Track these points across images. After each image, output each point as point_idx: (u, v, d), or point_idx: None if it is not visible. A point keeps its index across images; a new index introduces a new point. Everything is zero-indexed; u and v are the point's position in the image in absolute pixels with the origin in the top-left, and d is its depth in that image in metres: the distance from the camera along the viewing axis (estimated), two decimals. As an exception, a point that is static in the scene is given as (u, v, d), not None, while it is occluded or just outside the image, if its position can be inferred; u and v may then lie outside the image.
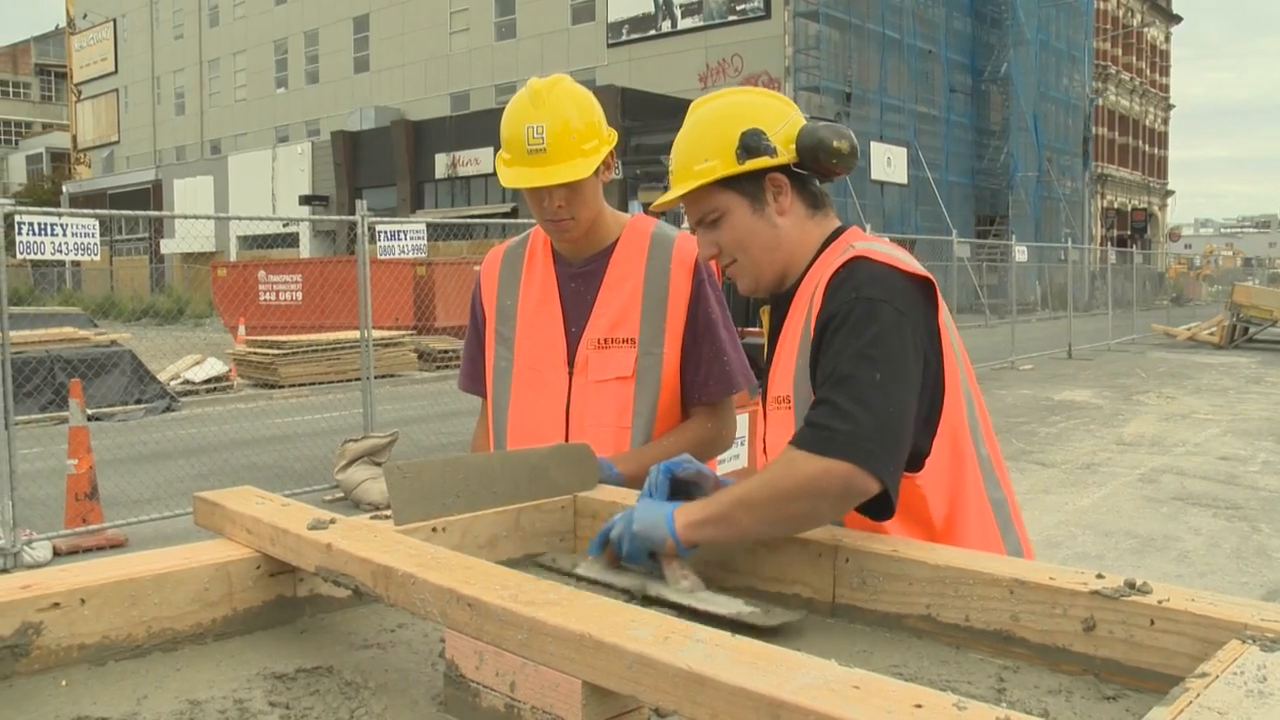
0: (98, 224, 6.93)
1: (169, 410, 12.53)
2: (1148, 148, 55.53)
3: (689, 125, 1.70)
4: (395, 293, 16.64)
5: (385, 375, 14.08)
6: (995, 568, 1.29)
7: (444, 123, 35.07)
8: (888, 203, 31.89)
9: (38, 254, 6.58)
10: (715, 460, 2.27)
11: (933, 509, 1.55)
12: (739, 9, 32.00)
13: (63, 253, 6.70)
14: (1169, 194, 59.32)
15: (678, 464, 1.61)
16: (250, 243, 38.52)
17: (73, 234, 6.66)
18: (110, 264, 42.15)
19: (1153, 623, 1.13)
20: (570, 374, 2.14)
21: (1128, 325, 25.11)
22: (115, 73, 55.81)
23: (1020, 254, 20.42)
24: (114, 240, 43.98)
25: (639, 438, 2.11)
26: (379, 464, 7.72)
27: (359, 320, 8.50)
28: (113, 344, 12.93)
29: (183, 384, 13.92)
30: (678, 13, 33.44)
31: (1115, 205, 50.21)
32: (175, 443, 9.74)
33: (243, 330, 17.76)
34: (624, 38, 34.73)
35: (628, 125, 25.99)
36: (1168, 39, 58.90)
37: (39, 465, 8.18)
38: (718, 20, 32.61)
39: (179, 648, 1.32)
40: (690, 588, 1.43)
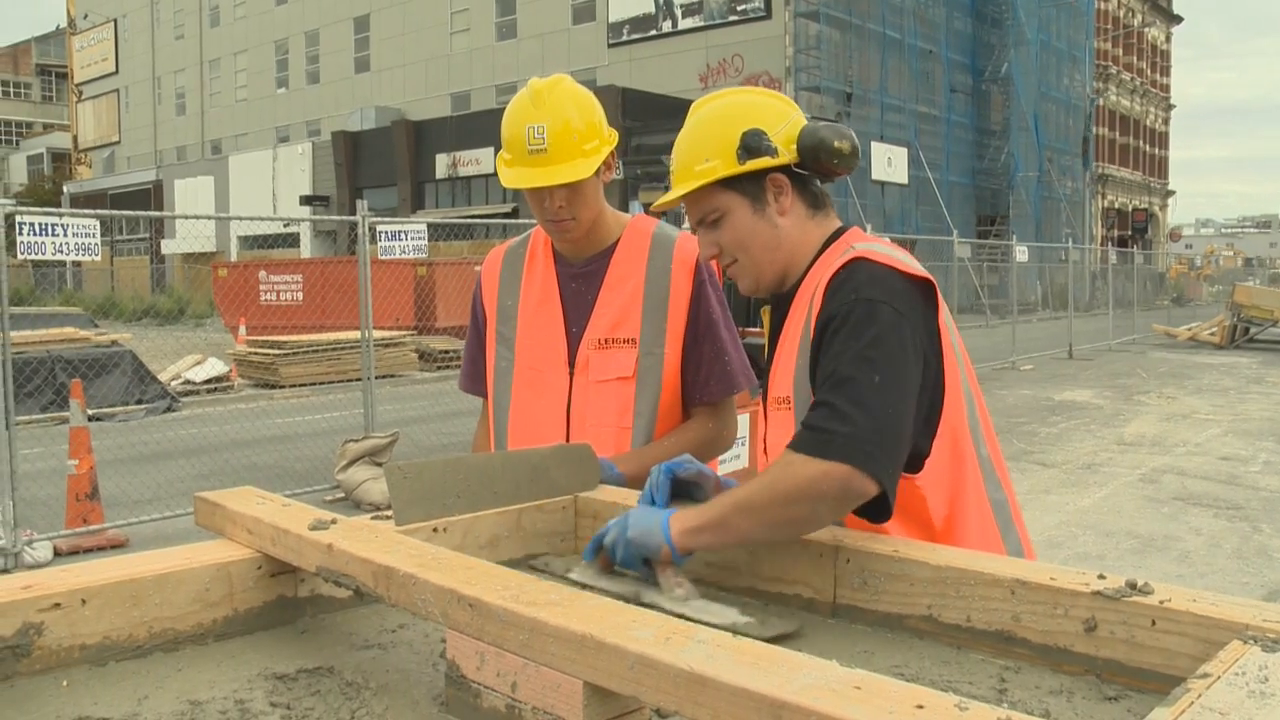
0: (98, 224, 6.94)
1: (170, 410, 12.53)
2: (1148, 148, 55.52)
3: (690, 125, 1.70)
4: (396, 293, 16.64)
5: (386, 375, 14.08)
6: (997, 568, 1.29)
7: (444, 123, 35.08)
8: (888, 203, 31.91)
9: (38, 254, 6.59)
10: (716, 460, 2.27)
11: (932, 510, 1.54)
12: (739, 9, 31.99)
13: (63, 253, 6.71)
14: (1169, 194, 59.31)
15: (679, 464, 1.60)
16: (251, 243, 38.54)
17: (73, 234, 6.67)
18: (111, 264, 42.18)
19: (1154, 623, 1.13)
20: (571, 374, 2.14)
21: (1128, 325, 25.11)
22: (116, 73, 55.84)
23: (1021, 254, 20.42)
24: (115, 240, 44.01)
25: (640, 438, 2.11)
26: (380, 464, 7.72)
27: (360, 320, 8.50)
28: (113, 344, 12.93)
29: (183, 384, 13.92)
30: (678, 13, 33.44)
31: (1116, 205, 50.19)
32: (176, 443, 9.74)
33: (243, 330, 17.78)
34: (624, 38, 34.73)
35: (628, 125, 25.99)
36: (1168, 39, 58.89)
37: (40, 465, 8.18)
38: (718, 20, 32.61)
39: (180, 648, 1.32)
40: (685, 596, 1.42)
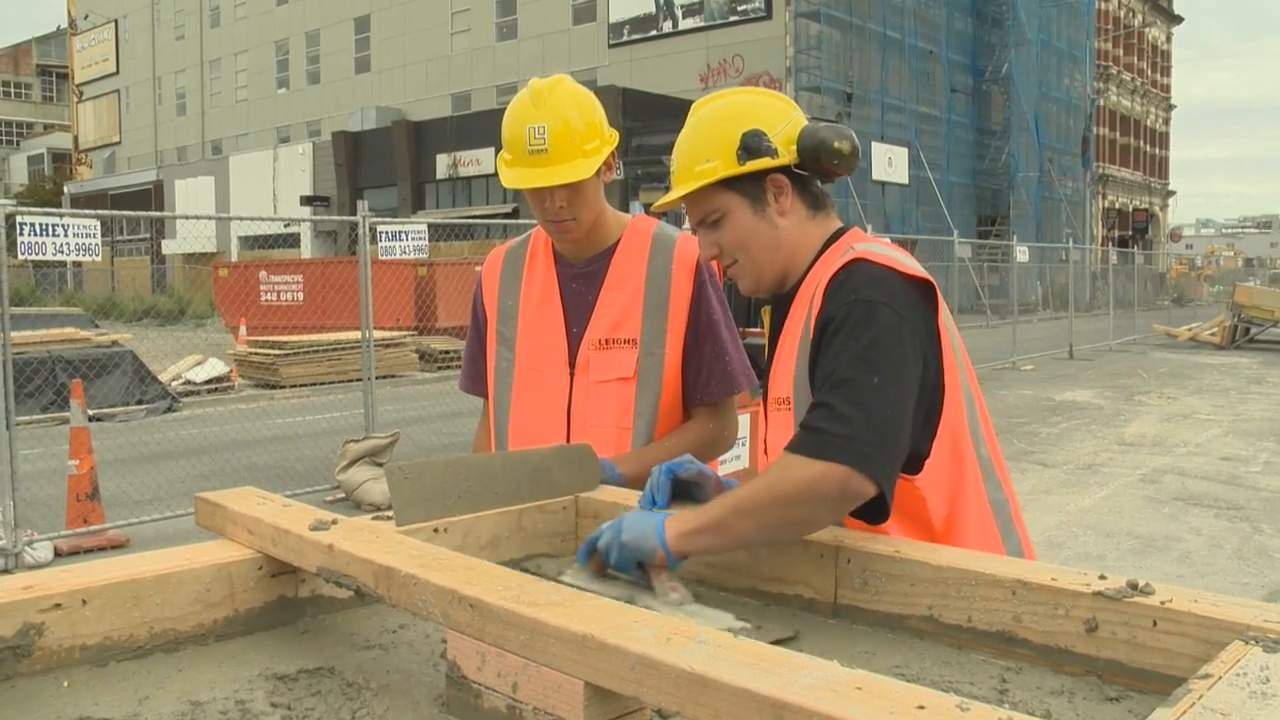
0: (99, 224, 6.94)
1: (170, 411, 12.54)
2: (1149, 148, 55.52)
3: (690, 126, 1.70)
4: (396, 293, 16.65)
5: (386, 376, 14.08)
6: (997, 568, 1.29)
7: (445, 123, 35.08)
8: (889, 203, 31.91)
9: (39, 254, 6.59)
10: (717, 461, 2.27)
11: (932, 510, 1.54)
12: (740, 9, 32.00)
13: (64, 253, 6.71)
14: (1170, 194, 59.30)
15: (679, 465, 1.60)
16: (251, 243, 38.55)
17: (74, 234, 6.67)
18: (111, 264, 42.17)
19: (1155, 624, 1.13)
20: (571, 374, 2.14)
21: (1129, 325, 25.11)
22: (116, 73, 55.86)
23: (1021, 254, 20.43)
24: (115, 241, 43.99)
25: (640, 438, 2.11)
26: (380, 464, 7.72)
27: (360, 321, 8.51)
28: (114, 344, 12.93)
29: (184, 384, 13.92)
30: (679, 13, 33.44)
31: (1116, 205, 50.19)
32: (176, 443, 9.74)
33: (244, 330, 17.79)
34: (625, 38, 34.73)
35: (629, 126, 25.98)
36: (1169, 39, 58.89)
37: (40, 466, 8.17)
38: (719, 21, 32.61)
39: (181, 648, 1.32)
40: (679, 600, 1.40)
